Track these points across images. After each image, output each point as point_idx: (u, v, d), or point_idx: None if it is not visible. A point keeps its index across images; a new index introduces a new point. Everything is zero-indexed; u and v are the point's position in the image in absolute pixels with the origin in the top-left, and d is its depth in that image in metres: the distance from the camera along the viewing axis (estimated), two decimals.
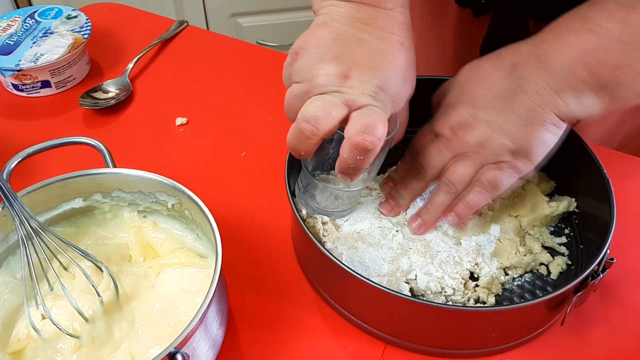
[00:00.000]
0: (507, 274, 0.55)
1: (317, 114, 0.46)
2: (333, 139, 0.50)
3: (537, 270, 0.56)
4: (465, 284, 0.53)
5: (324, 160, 0.54)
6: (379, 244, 0.56)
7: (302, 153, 0.48)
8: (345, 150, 0.46)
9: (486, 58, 0.54)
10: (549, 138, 0.50)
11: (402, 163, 0.59)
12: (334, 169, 0.50)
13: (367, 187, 0.60)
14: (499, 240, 0.56)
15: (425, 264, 0.54)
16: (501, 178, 0.52)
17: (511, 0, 0.68)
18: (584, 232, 0.57)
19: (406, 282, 0.52)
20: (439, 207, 0.55)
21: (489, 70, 0.53)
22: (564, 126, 0.50)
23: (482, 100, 0.52)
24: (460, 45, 0.81)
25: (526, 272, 0.56)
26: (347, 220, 0.58)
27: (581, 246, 0.57)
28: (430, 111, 0.58)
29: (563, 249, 0.57)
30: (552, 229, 0.59)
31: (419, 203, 0.59)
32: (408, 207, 0.58)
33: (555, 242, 0.57)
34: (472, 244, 0.56)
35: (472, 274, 0.54)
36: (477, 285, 0.54)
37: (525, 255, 0.55)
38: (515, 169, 0.52)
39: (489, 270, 0.54)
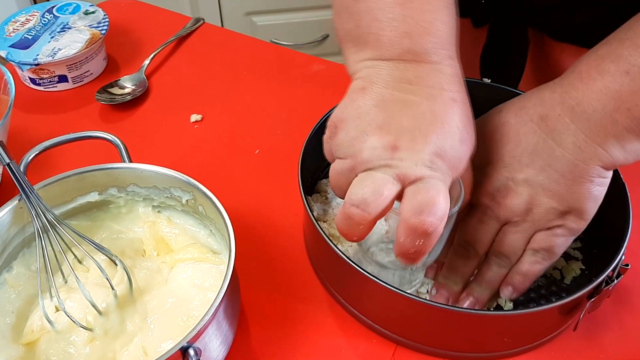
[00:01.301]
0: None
1: (366, 197, 0.40)
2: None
3: (551, 274, 0.55)
4: None
5: (381, 235, 0.49)
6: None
7: (355, 238, 0.43)
8: (401, 234, 0.40)
9: (506, 111, 0.50)
10: (598, 192, 0.47)
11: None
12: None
13: None
14: None
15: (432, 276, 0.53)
16: (557, 244, 0.49)
17: (509, 10, 0.66)
18: (599, 237, 0.57)
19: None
20: (492, 282, 0.51)
21: (515, 126, 0.49)
22: (610, 175, 0.47)
23: (515, 160, 0.48)
24: (460, 56, 0.82)
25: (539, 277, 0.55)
26: None
27: (595, 251, 0.57)
28: None
29: (577, 254, 0.57)
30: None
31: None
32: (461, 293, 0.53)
33: (570, 246, 0.57)
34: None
35: None
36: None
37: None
38: (570, 231, 0.48)
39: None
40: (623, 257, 0.48)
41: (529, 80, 0.71)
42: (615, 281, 0.48)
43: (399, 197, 0.41)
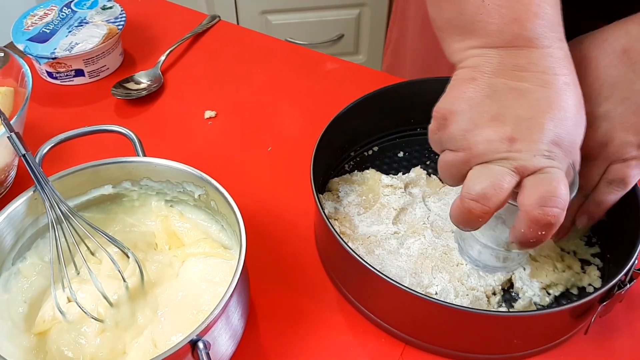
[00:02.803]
0: (548, 294, 0.53)
1: (486, 191, 0.40)
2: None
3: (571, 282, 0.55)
4: (489, 299, 0.53)
5: (496, 226, 0.50)
6: (397, 251, 0.55)
7: (472, 229, 0.44)
8: (522, 225, 0.41)
9: (588, 44, 0.49)
10: None
11: None
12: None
13: (391, 185, 0.60)
14: (533, 259, 0.54)
15: (448, 280, 0.53)
16: (631, 174, 0.49)
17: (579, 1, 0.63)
18: (613, 241, 0.56)
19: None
20: (570, 211, 0.51)
21: (595, 59, 0.48)
22: None
23: (595, 94, 0.47)
24: None
25: (567, 289, 0.54)
26: (363, 221, 0.58)
27: (608, 255, 0.56)
28: None
29: (597, 261, 0.56)
30: (585, 239, 0.57)
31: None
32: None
33: (589, 252, 0.56)
34: (498, 265, 0.54)
35: (494, 292, 0.53)
36: (502, 303, 0.53)
37: (564, 271, 0.53)
38: None
39: (532, 293, 0.52)
40: (636, 262, 0.48)
41: None
42: (628, 285, 0.47)
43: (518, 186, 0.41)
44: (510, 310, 0.52)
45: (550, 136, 0.41)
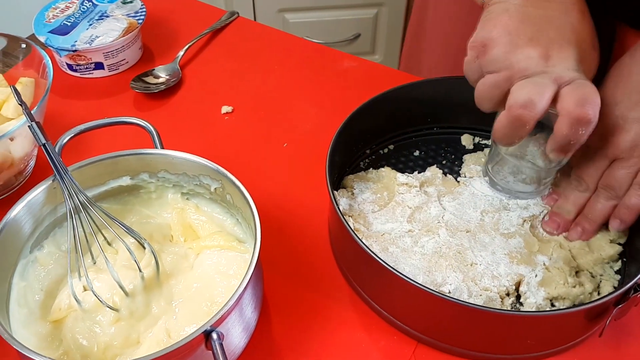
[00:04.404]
0: (553, 305, 0.53)
1: (532, 97, 0.46)
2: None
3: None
4: (502, 300, 0.53)
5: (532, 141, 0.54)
6: (411, 250, 0.55)
7: (516, 140, 0.49)
8: (564, 126, 0.46)
9: (627, 53, 0.54)
10: None
11: (561, 175, 0.59)
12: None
13: (406, 184, 0.60)
14: (546, 269, 0.54)
15: (462, 280, 0.53)
16: None
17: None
18: (633, 244, 0.55)
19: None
20: (600, 214, 0.54)
21: (629, 65, 0.53)
22: None
23: (626, 97, 0.51)
24: None
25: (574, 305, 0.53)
26: (377, 218, 0.58)
27: (624, 259, 0.56)
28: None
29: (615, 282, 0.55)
30: (616, 267, 0.56)
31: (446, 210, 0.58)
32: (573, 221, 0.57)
33: (612, 278, 0.55)
34: (513, 267, 0.54)
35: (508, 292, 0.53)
36: (515, 303, 0.53)
37: (574, 287, 0.53)
38: None
39: (534, 301, 0.52)
40: None
41: None
42: None
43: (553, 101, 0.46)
44: (524, 310, 0.52)
45: (576, 55, 0.47)
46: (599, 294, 0.53)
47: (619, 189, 0.53)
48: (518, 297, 0.53)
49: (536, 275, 0.53)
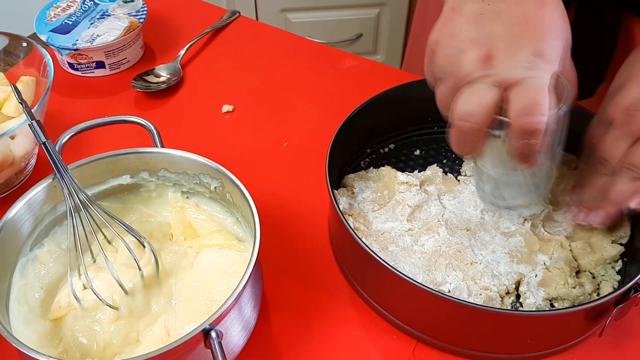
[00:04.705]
0: (552, 306, 0.52)
1: (470, 108, 0.43)
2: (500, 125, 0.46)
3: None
4: (502, 299, 0.53)
5: (499, 149, 0.49)
6: (411, 248, 0.55)
7: (470, 151, 0.46)
8: (513, 137, 0.43)
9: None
10: None
11: (582, 164, 0.56)
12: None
13: (407, 183, 0.60)
14: (547, 268, 0.54)
15: (462, 279, 0.53)
16: None
17: None
18: (633, 244, 0.55)
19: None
20: (623, 195, 0.50)
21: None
22: None
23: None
24: None
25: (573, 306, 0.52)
26: (377, 217, 0.58)
27: (625, 259, 0.55)
28: None
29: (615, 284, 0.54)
30: (617, 267, 0.55)
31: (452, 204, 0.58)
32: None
33: (613, 279, 0.55)
34: (513, 266, 0.54)
35: (508, 292, 0.53)
36: (515, 302, 0.53)
37: (574, 288, 0.52)
38: None
39: (534, 301, 0.52)
40: None
41: (617, 67, 0.69)
42: None
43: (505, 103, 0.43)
44: (524, 309, 0.52)
45: (528, 49, 0.43)
46: (598, 294, 0.53)
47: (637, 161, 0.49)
48: (518, 296, 0.53)
49: (536, 275, 0.53)
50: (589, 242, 0.56)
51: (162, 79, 0.77)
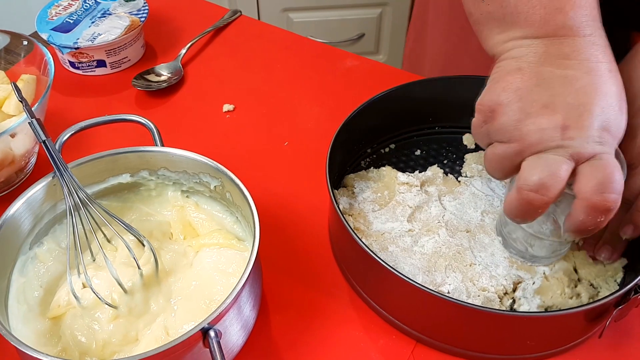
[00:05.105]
0: None
1: (545, 181, 0.40)
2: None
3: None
4: (501, 300, 0.52)
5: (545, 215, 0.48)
6: (411, 249, 0.55)
7: (528, 220, 0.44)
8: (580, 212, 0.41)
9: (626, 59, 0.50)
10: None
11: None
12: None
13: (407, 183, 0.60)
14: (545, 278, 0.53)
15: (461, 280, 0.52)
16: None
17: (611, 8, 0.64)
18: (634, 246, 0.55)
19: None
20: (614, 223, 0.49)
21: (629, 72, 0.48)
22: None
23: (630, 104, 0.46)
24: None
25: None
26: (378, 217, 0.58)
27: (627, 260, 0.55)
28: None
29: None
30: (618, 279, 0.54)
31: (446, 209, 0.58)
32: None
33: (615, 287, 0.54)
34: (512, 272, 0.53)
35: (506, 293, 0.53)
36: (514, 303, 0.52)
37: (570, 298, 0.52)
38: None
39: (527, 308, 0.51)
40: None
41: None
42: None
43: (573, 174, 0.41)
44: (524, 310, 0.52)
45: (599, 122, 0.41)
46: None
47: (631, 195, 0.48)
48: (513, 301, 0.53)
49: (534, 283, 0.53)
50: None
51: (163, 78, 0.77)
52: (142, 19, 0.78)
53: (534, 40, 0.44)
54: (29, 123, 0.51)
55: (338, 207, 0.51)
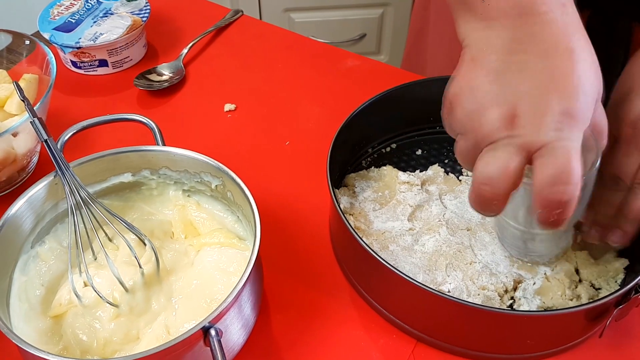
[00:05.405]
0: None
1: (492, 174, 0.40)
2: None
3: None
4: (501, 298, 0.52)
5: (519, 206, 0.47)
6: (412, 248, 0.55)
7: (492, 214, 0.43)
8: (537, 206, 0.40)
9: None
10: None
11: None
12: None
13: (408, 182, 0.60)
14: (546, 278, 0.53)
15: (461, 278, 0.53)
16: None
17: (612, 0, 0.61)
18: (634, 246, 0.55)
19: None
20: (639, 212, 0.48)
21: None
22: None
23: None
24: None
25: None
26: (378, 217, 0.58)
27: (627, 260, 0.55)
28: None
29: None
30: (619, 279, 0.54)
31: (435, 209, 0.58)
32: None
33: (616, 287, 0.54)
34: (512, 270, 0.53)
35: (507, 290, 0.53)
36: (513, 302, 0.53)
37: (571, 300, 0.52)
38: None
39: (527, 308, 0.51)
40: None
41: None
42: None
43: (531, 162, 0.40)
44: (524, 310, 0.52)
45: (556, 108, 0.39)
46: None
47: (628, 179, 0.47)
48: (513, 300, 0.53)
49: (534, 283, 0.53)
50: (594, 254, 0.55)
51: (164, 77, 0.77)
52: (144, 19, 0.79)
53: (487, 24, 0.42)
54: (30, 122, 0.51)
55: (339, 206, 0.51)
